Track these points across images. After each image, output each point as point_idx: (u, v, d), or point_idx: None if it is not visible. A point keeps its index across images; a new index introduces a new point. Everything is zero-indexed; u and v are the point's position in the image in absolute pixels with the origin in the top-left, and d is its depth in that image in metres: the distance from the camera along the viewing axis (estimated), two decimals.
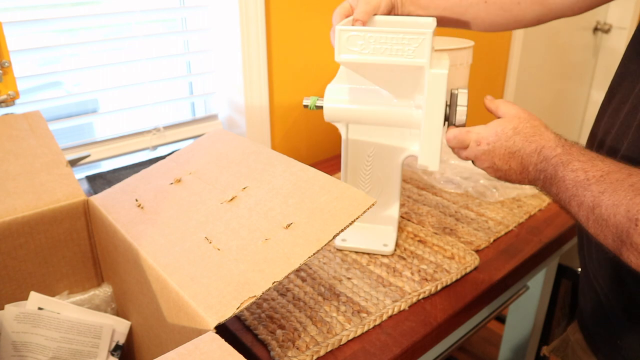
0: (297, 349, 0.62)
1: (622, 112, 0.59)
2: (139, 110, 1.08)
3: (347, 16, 0.72)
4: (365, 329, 0.65)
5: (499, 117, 0.62)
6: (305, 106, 0.76)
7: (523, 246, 0.84)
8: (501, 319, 1.38)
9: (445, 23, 0.76)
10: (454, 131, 0.64)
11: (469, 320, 0.75)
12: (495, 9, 0.74)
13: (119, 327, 0.65)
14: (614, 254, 0.47)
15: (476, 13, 0.75)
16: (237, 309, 0.46)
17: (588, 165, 0.50)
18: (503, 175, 0.61)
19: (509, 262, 0.80)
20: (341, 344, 0.63)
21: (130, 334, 0.66)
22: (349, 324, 0.66)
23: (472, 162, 0.65)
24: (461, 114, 0.67)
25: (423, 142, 0.69)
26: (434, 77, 0.65)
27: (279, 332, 0.64)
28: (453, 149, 0.65)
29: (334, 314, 0.67)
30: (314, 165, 0.60)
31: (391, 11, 0.74)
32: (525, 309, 1.08)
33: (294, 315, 0.67)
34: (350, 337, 0.64)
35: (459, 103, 0.67)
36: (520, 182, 0.60)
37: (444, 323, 0.68)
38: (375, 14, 0.72)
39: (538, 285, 1.04)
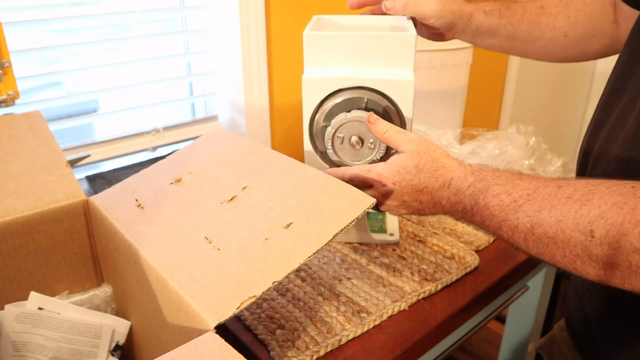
0: (297, 349, 0.62)
1: (617, 106, 0.59)
2: (139, 111, 1.08)
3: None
4: (365, 329, 0.65)
5: (396, 149, 0.60)
6: None
7: None
8: (501, 319, 1.38)
9: (521, 54, 0.80)
10: (353, 171, 0.60)
11: (469, 320, 0.75)
12: (572, 43, 0.76)
13: (119, 327, 0.65)
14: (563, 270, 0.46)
15: (553, 47, 0.77)
16: (237, 309, 0.46)
17: (508, 186, 0.49)
18: (416, 211, 0.59)
19: (509, 262, 0.80)
20: (341, 344, 0.63)
21: (130, 334, 0.66)
22: (349, 324, 0.66)
23: (376, 205, 0.60)
24: (328, 135, 0.67)
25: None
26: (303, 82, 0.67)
27: (278, 332, 0.64)
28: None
29: (334, 314, 0.67)
30: None
31: (451, 28, 0.75)
32: (525, 309, 1.08)
33: (293, 315, 0.67)
34: (350, 337, 0.64)
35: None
36: (435, 214, 0.59)
37: (444, 323, 0.68)
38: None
39: (538, 285, 1.04)
